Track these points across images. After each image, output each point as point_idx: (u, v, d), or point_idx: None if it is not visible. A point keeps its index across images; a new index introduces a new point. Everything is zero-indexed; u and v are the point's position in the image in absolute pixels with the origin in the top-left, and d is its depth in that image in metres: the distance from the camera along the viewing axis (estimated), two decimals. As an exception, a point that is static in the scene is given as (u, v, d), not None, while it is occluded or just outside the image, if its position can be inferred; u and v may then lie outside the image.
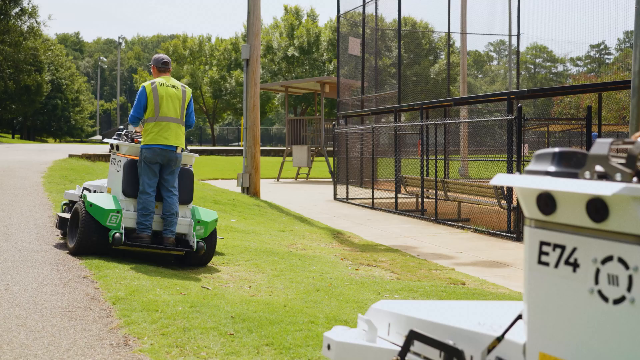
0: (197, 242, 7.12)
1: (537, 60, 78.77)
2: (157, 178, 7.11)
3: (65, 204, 8.36)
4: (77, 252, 7.05)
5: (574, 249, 1.97)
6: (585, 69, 73.34)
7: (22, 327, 4.77)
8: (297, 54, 49.06)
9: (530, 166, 2.07)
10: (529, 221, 2.07)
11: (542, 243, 2.04)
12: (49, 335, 4.62)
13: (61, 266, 6.70)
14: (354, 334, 2.80)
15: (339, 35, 24.97)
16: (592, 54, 73.79)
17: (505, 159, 11.73)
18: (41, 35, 46.30)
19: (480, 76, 74.49)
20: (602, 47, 71.96)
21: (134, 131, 7.46)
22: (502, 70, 74.68)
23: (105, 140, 8.67)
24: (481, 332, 2.25)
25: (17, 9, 37.62)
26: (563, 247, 2.00)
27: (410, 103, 20.81)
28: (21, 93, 46.58)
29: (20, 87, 45.13)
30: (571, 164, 2.05)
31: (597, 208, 1.89)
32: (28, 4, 37.98)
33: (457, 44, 33.24)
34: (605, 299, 1.87)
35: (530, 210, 2.05)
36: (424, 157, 15.04)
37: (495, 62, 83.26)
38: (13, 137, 57.66)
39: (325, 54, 49.42)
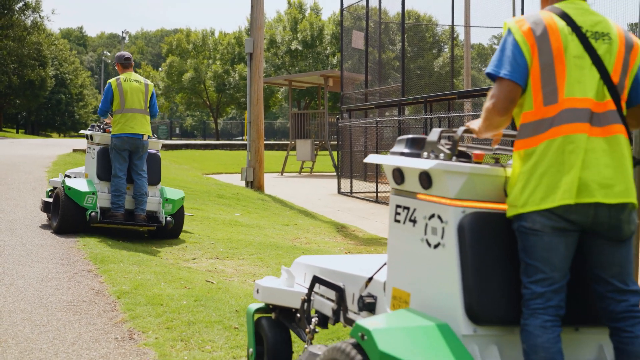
0: (166, 218, 8.06)
1: (541, 53, 78.71)
2: (127, 163, 7.99)
3: (50, 190, 9.10)
4: (59, 231, 7.99)
5: (414, 210, 2.69)
6: (589, 61, 73.22)
7: (27, 321, 4.79)
8: (300, 48, 49.00)
9: (393, 148, 2.77)
10: (391, 190, 2.80)
11: (397, 206, 2.79)
12: (54, 330, 4.63)
13: (66, 260, 6.72)
14: (278, 281, 3.64)
15: (343, 29, 24.92)
16: (596, 46, 73.71)
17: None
18: (45, 30, 46.30)
19: (484, 69, 74.44)
20: (606, 39, 71.84)
21: (105, 122, 8.36)
22: (506, 64, 74.53)
23: (81, 131, 9.59)
24: (359, 275, 3.05)
25: (20, 4, 37.63)
26: (408, 208, 2.72)
27: (414, 96, 20.77)
28: (25, 88, 46.59)
29: (24, 81, 45.15)
30: (417, 147, 2.73)
31: (425, 179, 2.61)
32: (31, -2, 38.05)
33: (461, 37, 33.18)
34: (429, 245, 2.60)
35: (390, 182, 2.79)
36: (428, 150, 15.01)
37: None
38: (17, 132, 57.75)
39: (328, 48, 49.36)
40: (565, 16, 2.61)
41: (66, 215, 7.88)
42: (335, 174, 21.44)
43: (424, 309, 2.61)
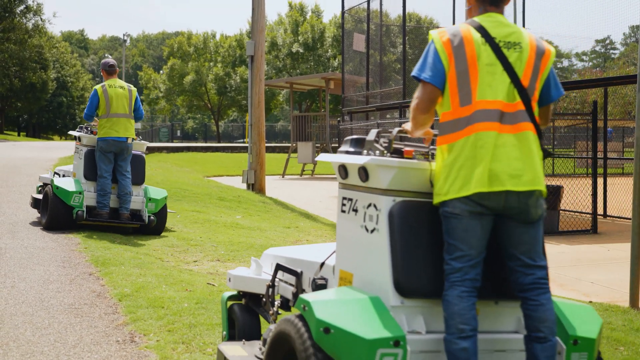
0: (149, 216, 8.55)
1: (542, 56, 78.60)
2: (112, 164, 8.45)
3: (40, 186, 9.41)
4: (48, 227, 8.44)
5: (356, 200, 3.10)
6: (590, 63, 73.11)
7: (28, 324, 4.79)
8: (301, 51, 49.02)
9: (340, 148, 3.20)
10: (339, 184, 3.23)
11: (343, 198, 3.21)
12: (56, 332, 4.63)
13: (67, 263, 6.72)
14: (247, 271, 4.06)
15: (344, 32, 24.93)
16: (597, 48, 73.56)
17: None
18: (46, 33, 46.37)
19: (485, 72, 74.38)
20: (607, 41, 71.68)
21: (92, 124, 8.79)
22: (507, 66, 74.49)
23: (70, 132, 9.81)
24: (314, 261, 3.46)
25: (22, 7, 37.66)
26: (351, 200, 3.13)
27: (415, 99, 20.78)
28: (26, 91, 46.64)
29: (25, 84, 45.19)
30: (359, 146, 3.12)
31: (363, 173, 3.01)
32: (33, 1, 38.04)
33: (462, 39, 33.17)
34: (367, 230, 3.00)
35: (338, 177, 3.21)
36: (429, 153, 15.00)
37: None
38: (19, 135, 57.80)
39: (329, 50, 49.38)
40: (481, 28, 2.99)
41: (54, 213, 8.34)
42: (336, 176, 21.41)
43: (363, 287, 3.02)
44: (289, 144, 29.98)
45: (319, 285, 3.33)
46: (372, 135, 3.06)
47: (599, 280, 7.68)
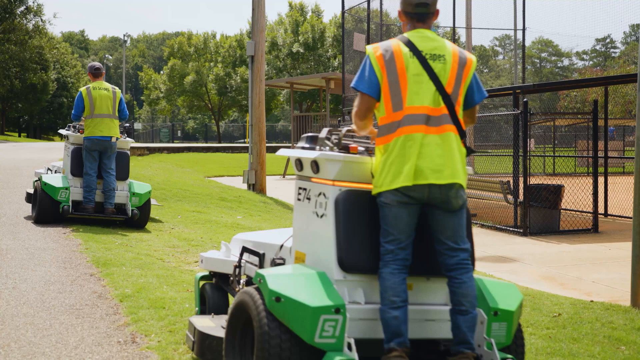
0: (132, 210, 8.99)
1: (542, 55, 78.47)
2: (97, 162, 8.93)
3: (35, 181, 9.64)
4: (37, 221, 8.94)
5: (309, 190, 3.56)
6: (591, 62, 73.04)
7: (29, 325, 4.79)
8: (302, 50, 49.01)
9: (297, 144, 3.66)
10: (296, 176, 3.69)
11: (299, 188, 3.66)
12: (57, 333, 4.63)
13: (68, 264, 6.72)
14: (218, 253, 4.51)
15: (344, 31, 24.92)
16: (597, 47, 73.48)
17: (512, 153, 11.70)
18: (46, 34, 46.36)
19: (485, 71, 74.28)
20: (607, 40, 71.65)
21: (80, 124, 9.25)
22: (508, 65, 74.43)
23: (60, 131, 10.13)
24: (274, 243, 3.94)
25: (22, 8, 37.65)
26: (306, 189, 3.60)
27: (415, 98, 20.76)
28: (27, 92, 46.62)
29: (26, 85, 45.18)
30: (314, 142, 3.59)
31: (314, 166, 3.49)
32: (33, 2, 38.03)
33: (462, 38, 33.14)
34: (318, 215, 3.47)
35: (295, 170, 3.67)
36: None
37: (500, 57, 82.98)
38: (19, 136, 57.81)
39: (330, 50, 49.37)
40: (409, 43, 3.44)
41: (43, 207, 8.84)
42: (337, 176, 21.38)
43: (313, 265, 3.49)
44: (290, 144, 29.96)
45: (278, 265, 3.76)
46: (323, 133, 3.55)
47: (600, 280, 7.67)
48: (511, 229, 11.45)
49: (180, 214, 10.79)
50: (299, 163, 3.68)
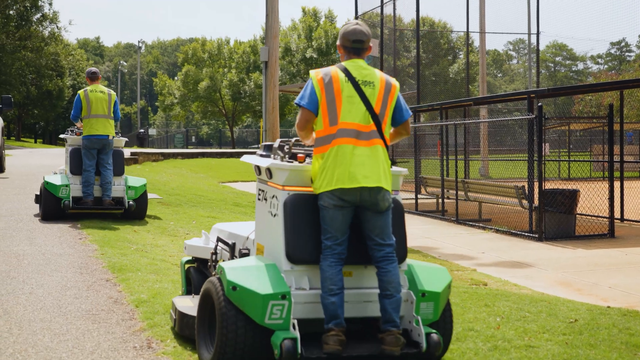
0: (128, 202, 9.85)
1: (557, 59, 78.08)
2: (95, 159, 9.80)
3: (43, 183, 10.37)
4: (43, 218, 9.72)
5: (266, 192, 4.20)
6: (606, 66, 72.61)
7: (46, 330, 4.82)
8: (315, 56, 49.09)
9: (258, 152, 4.38)
10: (256, 180, 4.34)
11: (258, 190, 4.31)
12: (73, 338, 4.66)
13: (84, 269, 6.76)
14: (199, 241, 5.24)
15: (357, 37, 24.92)
16: (612, 51, 73.04)
17: (526, 158, 11.65)
18: (62, 41, 46.71)
19: (499, 75, 74.02)
20: (622, 44, 71.23)
21: (77, 127, 10.13)
22: (522, 69, 74.16)
23: (60, 135, 10.96)
24: (243, 235, 4.62)
25: (38, 15, 37.94)
26: (264, 191, 4.23)
27: (429, 103, 20.70)
28: (43, 98, 46.97)
29: (42, 92, 45.52)
30: (269, 151, 4.29)
31: (268, 172, 4.11)
32: (49, 9, 38.31)
33: (476, 43, 33.04)
34: (272, 215, 4.08)
35: (255, 174, 4.32)
36: (444, 157, 14.96)
37: (514, 61, 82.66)
38: (35, 142, 58.25)
39: (343, 55, 49.39)
40: (345, 70, 4.14)
41: (47, 204, 9.66)
42: (351, 181, 21.36)
43: (269, 256, 4.12)
44: (304, 149, 29.89)
45: (243, 254, 4.45)
46: (276, 143, 4.20)
47: (617, 285, 7.61)
48: (526, 234, 11.39)
49: (195, 220, 10.82)
50: (257, 169, 4.32)
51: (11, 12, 36.06)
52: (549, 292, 7.23)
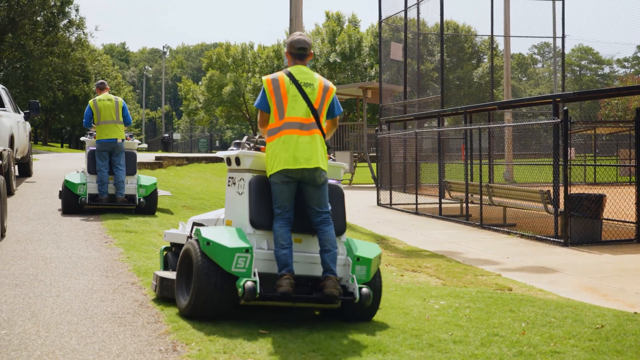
0: (139, 199, 10.98)
1: (582, 62, 77.35)
2: (107, 160, 10.89)
3: None
4: (64, 212, 10.76)
5: (235, 177, 5.35)
6: (632, 70, 71.79)
7: (73, 332, 4.87)
8: (339, 60, 49.13)
9: (229, 148, 5.50)
10: (228, 169, 5.45)
11: (229, 177, 5.42)
12: (100, 341, 4.70)
13: (110, 273, 6.82)
14: (176, 230, 6.19)
15: (381, 41, 24.92)
16: (639, 54, 72.17)
17: (552, 162, 11.56)
18: (88, 46, 47.18)
19: (524, 79, 73.45)
20: (650, 47, 70.29)
21: (92, 131, 11.28)
22: (547, 73, 73.50)
23: (81, 138, 11.88)
24: (214, 218, 5.79)
25: (65, 21, 38.32)
26: (233, 177, 5.38)
27: (453, 107, 20.62)
28: (69, 103, 47.48)
29: (68, 97, 45.99)
30: (238, 146, 5.42)
31: (237, 161, 5.32)
32: (76, 16, 38.70)
33: (501, 47, 32.84)
34: (239, 194, 5.25)
35: (226, 165, 5.45)
36: (468, 161, 14.89)
37: (539, 65, 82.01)
38: (62, 146, 58.92)
39: (367, 60, 49.40)
40: (290, 75, 5.21)
41: (66, 200, 10.75)
42: (374, 185, 21.38)
43: (235, 226, 5.25)
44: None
45: None
46: (244, 139, 5.48)
47: (644, 291, 7.52)
48: (552, 239, 11.30)
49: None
50: (229, 160, 5.43)
51: (39, 18, 36.51)
52: (575, 298, 7.16)
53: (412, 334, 5.08)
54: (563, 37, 25.02)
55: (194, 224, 5.84)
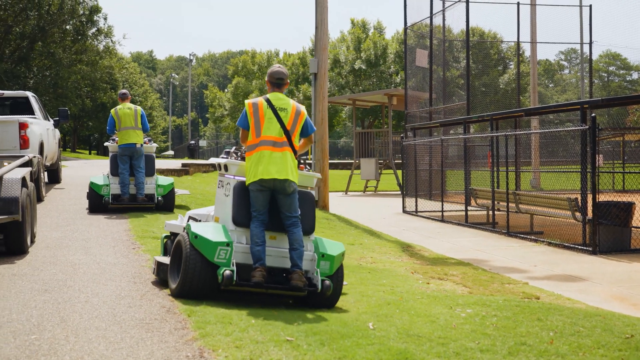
0: (158, 198, 12.08)
1: (610, 68, 76.47)
2: (128, 163, 11.93)
3: None
4: (90, 211, 11.75)
5: (223, 181, 6.47)
6: (662, 76, 70.72)
7: (102, 338, 4.92)
8: (364, 67, 49.13)
9: (220, 156, 6.70)
10: (218, 174, 6.60)
11: (219, 181, 6.55)
12: (128, 347, 4.74)
13: (137, 279, 6.89)
14: (175, 221, 7.11)
15: (406, 48, 24.87)
16: (669, 60, 71.09)
17: (579, 170, 11.45)
18: (116, 54, 47.73)
19: (551, 85, 72.82)
20: (680, 52, 69.25)
21: (115, 137, 12.30)
22: (574, 79, 72.79)
23: (105, 144, 12.92)
24: (206, 214, 6.78)
25: (93, 30, 38.81)
26: (222, 181, 6.49)
27: (479, 114, 20.50)
28: (97, 110, 48.06)
29: (96, 104, 46.56)
30: (227, 155, 6.59)
31: (225, 167, 6.45)
32: (104, 24, 39.18)
33: (527, 53, 32.62)
34: (226, 195, 6.36)
35: (218, 170, 6.60)
36: (495, 168, 14.79)
37: (566, 71, 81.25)
38: (90, 153, 59.58)
39: (392, 67, 49.33)
40: (268, 100, 6.25)
41: (92, 200, 11.78)
42: (400, 192, 21.32)
43: (221, 222, 6.25)
44: (352, 161, 29.93)
45: None
46: (232, 149, 6.57)
47: (675, 300, 7.41)
48: (580, 247, 11.18)
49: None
50: (219, 166, 6.47)
51: (68, 27, 37.01)
52: (604, 307, 7.07)
53: (438, 342, 5.06)
54: (590, 43, 24.80)
55: (190, 217, 6.87)
